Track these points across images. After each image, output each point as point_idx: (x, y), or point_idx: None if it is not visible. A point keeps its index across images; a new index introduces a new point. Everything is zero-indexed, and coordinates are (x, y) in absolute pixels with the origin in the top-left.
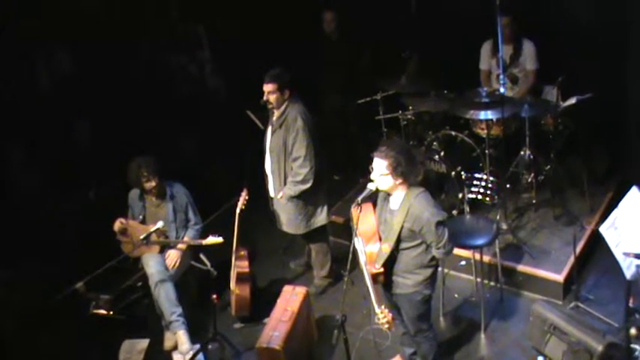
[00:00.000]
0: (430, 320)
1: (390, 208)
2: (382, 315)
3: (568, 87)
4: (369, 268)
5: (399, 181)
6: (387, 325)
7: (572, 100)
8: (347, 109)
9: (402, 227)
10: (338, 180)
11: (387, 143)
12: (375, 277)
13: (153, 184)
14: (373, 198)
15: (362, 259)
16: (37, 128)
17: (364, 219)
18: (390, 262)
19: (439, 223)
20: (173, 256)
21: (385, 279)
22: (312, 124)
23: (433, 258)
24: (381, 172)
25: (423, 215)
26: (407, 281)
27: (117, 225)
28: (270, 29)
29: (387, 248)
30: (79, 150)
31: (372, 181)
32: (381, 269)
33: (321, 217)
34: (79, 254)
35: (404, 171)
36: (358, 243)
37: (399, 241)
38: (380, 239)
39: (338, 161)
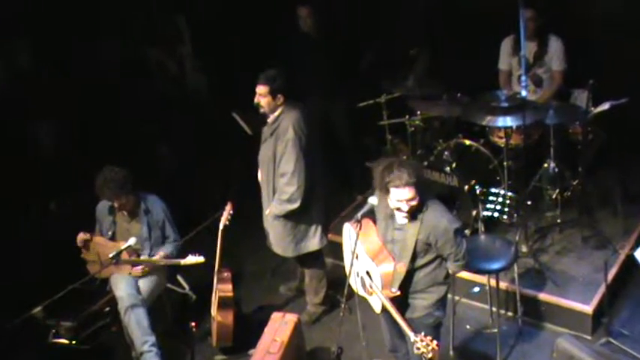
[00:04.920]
0: None
1: (397, 224)
2: (424, 343)
3: (600, 90)
4: (386, 292)
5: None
6: (430, 354)
7: (605, 106)
8: (333, 115)
9: (416, 241)
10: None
11: (398, 168)
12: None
13: (122, 201)
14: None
15: (374, 284)
16: None
17: (367, 236)
18: (404, 284)
19: (457, 231)
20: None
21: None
22: (308, 137)
23: (447, 275)
24: (411, 201)
25: (440, 224)
26: (423, 302)
27: (80, 238)
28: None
29: (402, 268)
30: (41, 155)
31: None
32: (398, 292)
33: (313, 241)
34: (38, 274)
35: (424, 188)
36: (359, 264)
37: (414, 257)
38: (390, 256)
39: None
